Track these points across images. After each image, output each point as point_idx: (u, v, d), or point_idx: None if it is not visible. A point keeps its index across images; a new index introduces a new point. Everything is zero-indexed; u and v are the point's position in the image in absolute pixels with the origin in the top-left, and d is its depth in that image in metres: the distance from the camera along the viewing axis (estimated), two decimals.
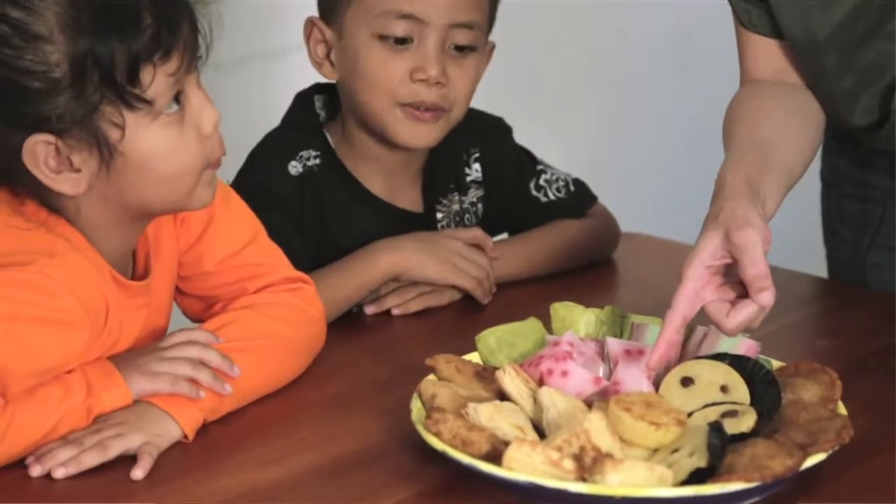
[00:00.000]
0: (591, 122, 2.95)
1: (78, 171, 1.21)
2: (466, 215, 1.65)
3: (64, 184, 1.22)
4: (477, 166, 1.65)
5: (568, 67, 2.89)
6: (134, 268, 1.33)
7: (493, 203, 1.66)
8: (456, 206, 1.64)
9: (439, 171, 1.63)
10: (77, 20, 1.17)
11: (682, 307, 1.24)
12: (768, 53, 1.49)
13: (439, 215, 1.63)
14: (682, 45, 2.81)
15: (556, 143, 2.65)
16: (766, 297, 1.21)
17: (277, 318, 1.36)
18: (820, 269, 1.72)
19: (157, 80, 1.20)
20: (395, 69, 1.52)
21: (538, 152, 1.72)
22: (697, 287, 1.24)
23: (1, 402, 1.18)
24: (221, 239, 1.38)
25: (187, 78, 1.23)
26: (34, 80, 1.18)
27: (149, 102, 1.20)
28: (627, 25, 2.92)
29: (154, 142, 1.22)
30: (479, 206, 1.66)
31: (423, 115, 1.54)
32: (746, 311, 1.22)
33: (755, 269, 1.21)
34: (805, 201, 1.74)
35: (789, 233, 2.22)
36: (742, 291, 1.23)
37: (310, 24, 1.58)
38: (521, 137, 1.71)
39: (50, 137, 1.19)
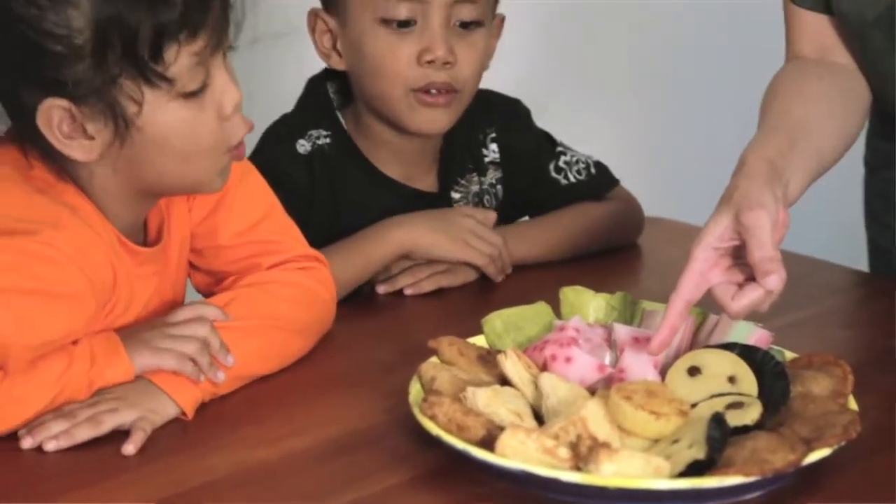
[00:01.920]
0: (637, 106, 2.91)
1: (91, 138, 1.20)
2: (486, 196, 1.63)
3: (75, 150, 1.20)
4: (494, 147, 1.63)
5: (611, 52, 2.85)
6: (145, 236, 1.31)
7: (513, 185, 1.64)
8: (475, 187, 1.62)
9: (456, 151, 1.61)
10: None
11: (687, 290, 1.20)
12: (815, 30, 1.45)
13: (456, 195, 1.60)
14: (734, 26, 2.76)
15: (601, 128, 2.62)
16: (773, 281, 1.17)
17: (285, 298, 1.34)
18: (861, 254, 1.68)
19: (180, 59, 1.18)
20: (402, 53, 1.50)
21: (583, 138, 1.69)
22: (704, 269, 1.20)
23: (1, 375, 1.17)
24: (236, 213, 1.36)
25: (213, 57, 1.21)
26: (56, 42, 1.16)
27: (169, 80, 1.18)
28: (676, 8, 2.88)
29: (172, 119, 1.20)
30: (499, 187, 1.63)
31: (436, 100, 1.51)
32: (752, 295, 1.18)
33: (762, 251, 1.17)
34: (850, 187, 1.70)
35: (832, 220, 2.18)
36: (751, 274, 1.19)
37: (313, 15, 1.56)
38: (555, 120, 1.68)
39: (65, 102, 1.18)
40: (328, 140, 1.55)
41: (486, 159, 1.63)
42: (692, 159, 2.67)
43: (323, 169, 1.54)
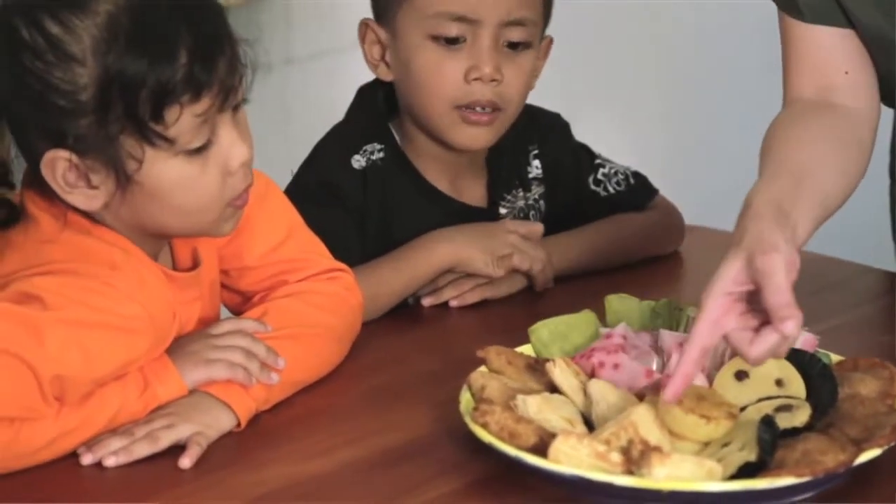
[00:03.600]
0: (666, 114, 2.92)
1: (95, 188, 1.21)
2: (531, 212, 1.64)
3: (79, 199, 1.21)
4: (537, 163, 1.64)
5: (642, 60, 2.87)
6: (174, 261, 1.33)
7: (555, 200, 1.65)
8: (521, 203, 1.63)
9: (503, 167, 1.62)
10: (111, 47, 1.16)
11: (702, 337, 1.16)
12: (817, 60, 1.41)
13: (503, 210, 1.62)
14: (766, 38, 2.77)
15: (627, 134, 2.63)
16: (790, 327, 1.13)
17: (318, 306, 1.36)
18: (891, 263, 1.68)
19: (182, 119, 1.18)
20: (449, 70, 1.51)
21: (609, 146, 1.70)
22: (718, 316, 1.16)
23: (56, 407, 1.18)
24: (260, 235, 1.37)
25: (220, 115, 1.21)
26: (60, 97, 1.17)
27: (170, 140, 1.18)
28: (709, 16, 2.90)
29: (172, 176, 1.21)
30: (542, 202, 1.65)
31: (480, 118, 1.53)
32: (770, 340, 1.14)
33: (778, 297, 1.13)
34: (877, 195, 1.70)
35: (862, 227, 2.18)
36: (765, 318, 1.15)
37: (364, 25, 1.58)
38: (595, 129, 1.69)
39: (67, 154, 1.19)
40: (382, 154, 1.56)
41: (530, 175, 1.64)
42: (711, 165, 2.68)
43: (376, 184, 1.55)
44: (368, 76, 1.63)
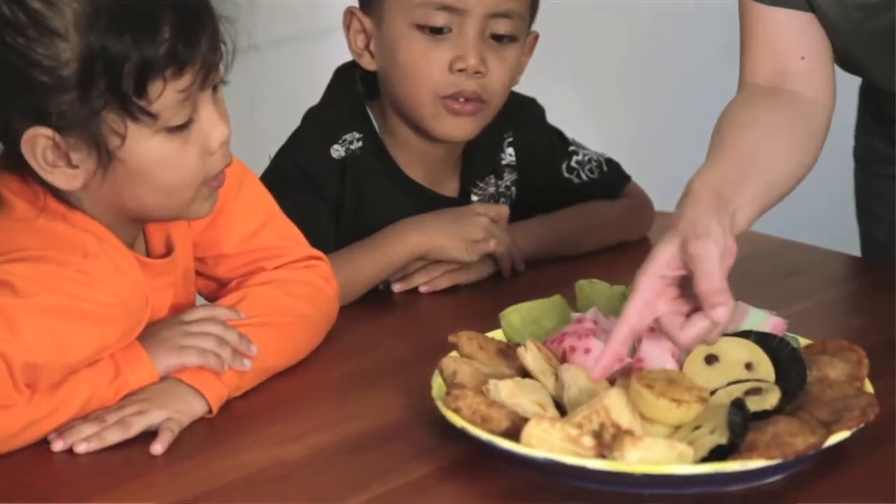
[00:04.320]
0: (632, 100, 2.93)
1: (75, 167, 1.20)
2: (501, 199, 1.64)
3: (59, 178, 1.21)
4: (511, 150, 1.65)
5: (609, 46, 2.87)
6: (147, 249, 1.33)
7: (527, 185, 1.66)
8: (492, 189, 1.63)
9: (477, 156, 1.62)
10: (94, 21, 1.16)
11: (632, 317, 1.17)
12: (776, 46, 1.41)
13: (475, 198, 1.62)
14: (727, 23, 2.78)
15: (595, 119, 2.63)
16: (720, 313, 1.13)
17: (294, 294, 1.36)
18: (855, 248, 1.70)
19: (165, 95, 1.18)
20: (434, 59, 1.51)
21: (577, 129, 1.70)
22: (650, 297, 1.17)
23: (28, 394, 1.17)
24: (237, 222, 1.38)
25: (201, 93, 1.21)
26: (42, 73, 1.17)
27: (153, 116, 1.18)
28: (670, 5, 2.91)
29: (154, 153, 1.21)
30: (513, 188, 1.65)
31: (463, 108, 1.53)
32: (700, 326, 1.15)
33: (708, 283, 1.14)
34: (840, 180, 1.72)
35: (825, 212, 2.20)
36: (698, 304, 1.16)
37: (349, 13, 1.57)
38: (563, 114, 1.69)
39: (49, 132, 1.18)
40: (360, 144, 1.56)
41: (503, 162, 1.64)
42: (679, 151, 2.69)
43: (353, 174, 1.55)
44: (335, 62, 1.63)
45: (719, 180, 1.25)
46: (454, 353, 1.26)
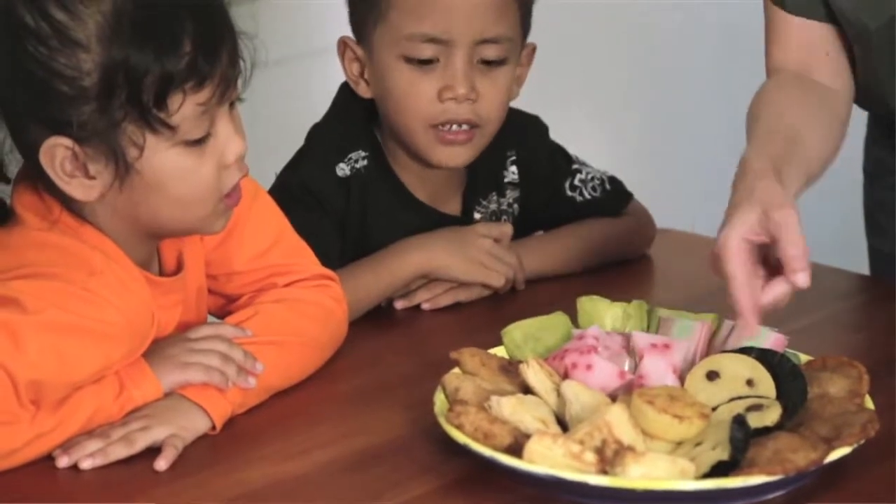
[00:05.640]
0: (634, 115, 2.94)
1: (92, 178, 1.21)
2: (504, 216, 1.65)
3: (77, 189, 1.22)
4: (514, 168, 1.65)
5: (612, 62, 2.89)
6: (160, 266, 1.33)
7: (529, 203, 1.66)
8: (494, 206, 1.64)
9: (480, 175, 1.63)
10: (117, 33, 1.17)
11: (740, 276, 1.20)
12: (800, 43, 1.46)
13: (477, 216, 1.63)
14: (728, 37, 2.79)
15: (599, 136, 2.64)
16: (802, 279, 1.19)
17: (303, 314, 1.36)
18: (863, 263, 1.70)
19: (185, 108, 1.19)
20: (424, 90, 1.51)
21: (581, 147, 1.71)
22: (741, 257, 1.20)
23: (32, 411, 1.18)
24: (249, 239, 1.38)
25: (219, 107, 1.22)
26: (63, 83, 1.18)
27: (172, 128, 1.19)
28: (671, 18, 2.92)
29: (171, 165, 1.21)
30: (516, 206, 1.66)
31: (456, 138, 1.53)
32: (778, 289, 1.20)
33: (795, 248, 1.19)
34: (849, 194, 1.72)
35: (832, 226, 2.21)
36: (769, 274, 1.21)
37: (342, 43, 1.58)
38: (565, 131, 1.70)
39: (69, 142, 1.19)
40: (366, 163, 1.57)
41: (506, 179, 1.64)
42: (680, 169, 2.69)
43: (358, 192, 1.56)
44: (335, 81, 1.63)
45: (774, 156, 1.29)
46: (456, 370, 1.26)
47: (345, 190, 1.55)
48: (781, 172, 1.27)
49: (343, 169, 1.56)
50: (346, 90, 1.62)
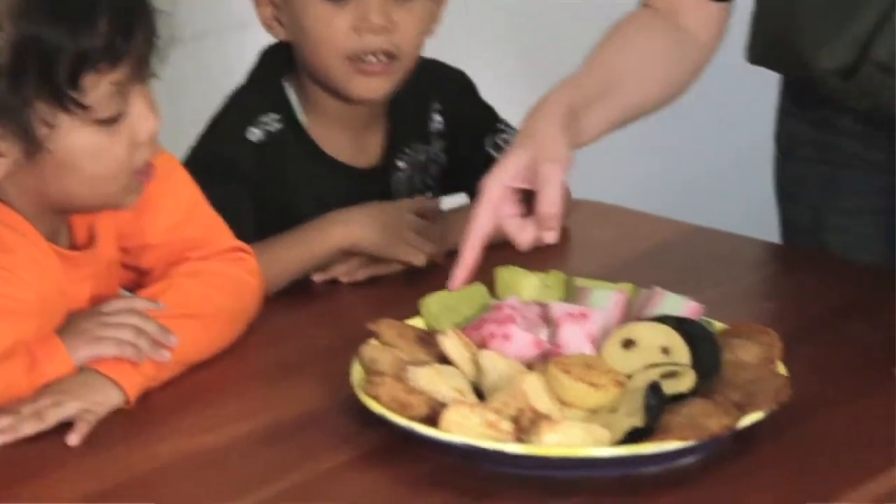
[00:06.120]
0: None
1: (1, 156, 1.19)
2: (432, 165, 1.65)
3: None
4: (439, 118, 1.65)
5: (535, 30, 2.88)
6: (72, 239, 1.31)
7: (455, 155, 1.66)
8: (422, 157, 1.64)
9: (402, 121, 1.63)
10: (28, 10, 1.15)
11: (483, 225, 1.25)
12: None
13: (401, 164, 1.62)
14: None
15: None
16: (550, 237, 1.24)
17: (217, 287, 1.35)
18: (776, 232, 1.72)
19: (98, 88, 1.17)
20: (339, 25, 1.52)
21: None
22: (496, 203, 1.24)
23: None
24: (163, 212, 1.37)
25: (133, 86, 1.21)
26: None
27: (85, 108, 1.18)
28: None
29: (83, 144, 1.20)
30: (443, 156, 1.66)
31: (373, 69, 1.53)
32: (530, 234, 1.25)
33: (549, 208, 1.23)
34: (763, 164, 1.73)
35: (745, 195, 2.22)
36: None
37: None
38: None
39: None
40: (279, 126, 1.56)
41: (431, 129, 1.65)
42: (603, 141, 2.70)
43: (273, 156, 1.55)
44: (255, 55, 1.62)
45: (577, 95, 1.30)
46: (374, 341, 1.26)
47: (259, 155, 1.54)
48: (581, 116, 1.29)
49: (255, 133, 1.55)
50: (262, 59, 1.61)
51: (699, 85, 1.48)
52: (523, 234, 1.24)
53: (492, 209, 1.24)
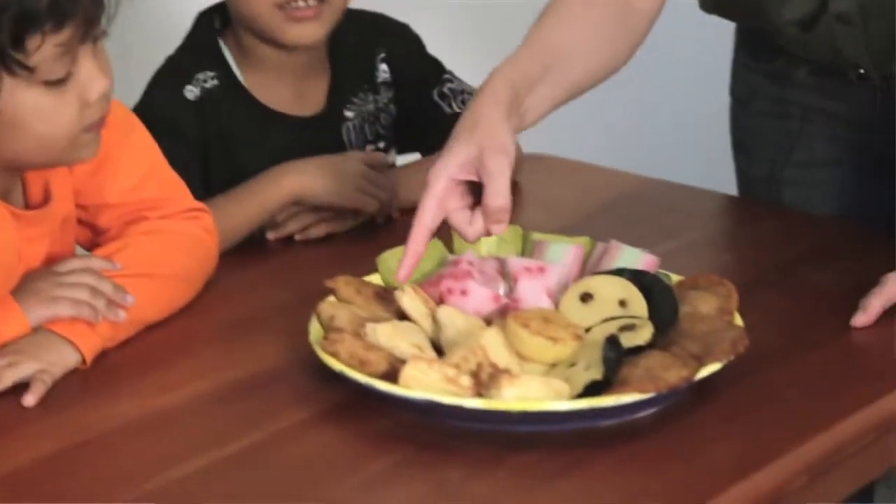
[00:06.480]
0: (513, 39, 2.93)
1: None
2: (382, 114, 1.64)
3: None
4: (384, 67, 1.65)
5: None
6: (26, 197, 1.30)
7: (402, 105, 1.66)
8: (370, 106, 1.64)
9: (346, 70, 1.62)
10: None
11: (429, 218, 1.23)
12: None
13: (350, 114, 1.62)
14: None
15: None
16: (497, 230, 1.23)
17: (173, 246, 1.34)
18: (731, 184, 1.72)
19: (43, 49, 1.16)
20: None
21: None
22: (442, 197, 1.23)
23: None
24: (122, 171, 1.36)
25: (81, 45, 1.19)
26: None
27: (30, 69, 1.16)
28: None
29: (31, 106, 1.19)
30: (392, 106, 1.65)
31: (304, 14, 1.53)
32: (479, 227, 1.23)
33: (496, 201, 1.21)
34: (718, 116, 1.73)
35: (700, 147, 2.23)
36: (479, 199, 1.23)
37: None
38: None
39: None
40: (216, 82, 1.56)
41: (379, 79, 1.65)
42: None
43: (213, 113, 1.54)
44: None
45: (520, 76, 1.29)
46: (331, 298, 1.26)
47: (198, 113, 1.54)
48: (524, 98, 1.27)
49: (192, 91, 1.55)
50: (197, 20, 1.60)
51: (652, 37, 1.48)
52: (471, 228, 1.23)
53: (437, 203, 1.23)
